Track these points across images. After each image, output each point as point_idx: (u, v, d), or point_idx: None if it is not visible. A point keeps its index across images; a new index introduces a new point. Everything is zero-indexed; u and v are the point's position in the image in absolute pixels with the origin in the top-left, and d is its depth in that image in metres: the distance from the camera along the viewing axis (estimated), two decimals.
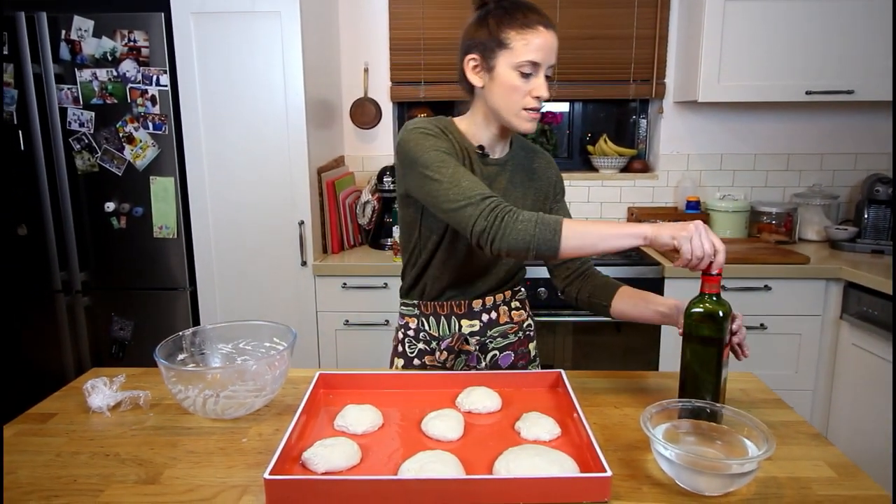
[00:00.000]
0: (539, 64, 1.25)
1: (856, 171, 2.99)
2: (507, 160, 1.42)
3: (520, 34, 1.24)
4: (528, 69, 1.25)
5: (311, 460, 1.00)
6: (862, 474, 0.99)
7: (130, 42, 2.36)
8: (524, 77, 1.25)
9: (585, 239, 1.12)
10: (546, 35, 1.25)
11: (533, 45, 1.24)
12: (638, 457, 1.05)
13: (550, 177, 1.49)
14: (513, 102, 1.27)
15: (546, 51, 1.25)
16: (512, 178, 1.42)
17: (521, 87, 1.26)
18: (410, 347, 1.49)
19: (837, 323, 2.40)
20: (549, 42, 1.25)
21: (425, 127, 1.31)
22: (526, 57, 1.24)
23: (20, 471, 1.03)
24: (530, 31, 1.24)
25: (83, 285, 2.57)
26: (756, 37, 2.54)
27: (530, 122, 1.29)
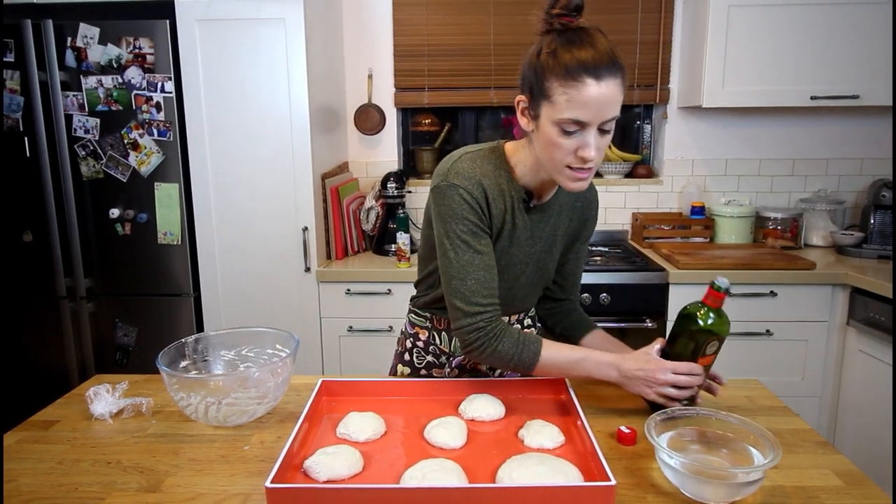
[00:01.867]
0: (586, 122, 1.05)
1: (861, 176, 2.98)
2: (552, 204, 1.28)
3: (562, 87, 1.04)
4: (571, 127, 1.06)
5: (312, 468, 0.99)
6: (869, 483, 0.98)
7: (136, 49, 2.37)
8: (566, 134, 1.07)
9: (560, 368, 1.21)
10: (594, 90, 1.03)
11: (575, 101, 1.04)
12: (642, 465, 1.04)
13: (588, 218, 1.38)
14: (555, 160, 1.11)
15: (594, 108, 1.04)
16: (556, 222, 1.31)
17: (563, 146, 1.08)
18: (419, 358, 1.45)
19: (844, 329, 2.39)
20: (599, 98, 1.03)
21: (467, 188, 1.17)
22: (566, 115, 1.05)
23: (22, 478, 1.03)
24: (574, 84, 1.03)
25: (87, 291, 2.57)
26: (760, 42, 2.54)
27: (577, 182, 1.12)
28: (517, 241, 1.26)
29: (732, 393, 1.34)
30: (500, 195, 1.21)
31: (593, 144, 1.07)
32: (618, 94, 1.06)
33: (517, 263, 1.29)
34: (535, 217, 1.27)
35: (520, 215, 1.24)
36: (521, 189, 1.23)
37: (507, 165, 1.23)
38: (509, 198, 1.22)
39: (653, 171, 3.12)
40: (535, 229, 1.28)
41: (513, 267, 1.29)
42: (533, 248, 1.29)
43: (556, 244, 1.33)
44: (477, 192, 1.18)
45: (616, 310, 2.44)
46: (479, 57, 2.93)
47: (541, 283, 1.38)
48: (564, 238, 1.36)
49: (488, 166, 1.22)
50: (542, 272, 1.35)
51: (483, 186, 1.19)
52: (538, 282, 1.36)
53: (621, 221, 3.09)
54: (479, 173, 1.19)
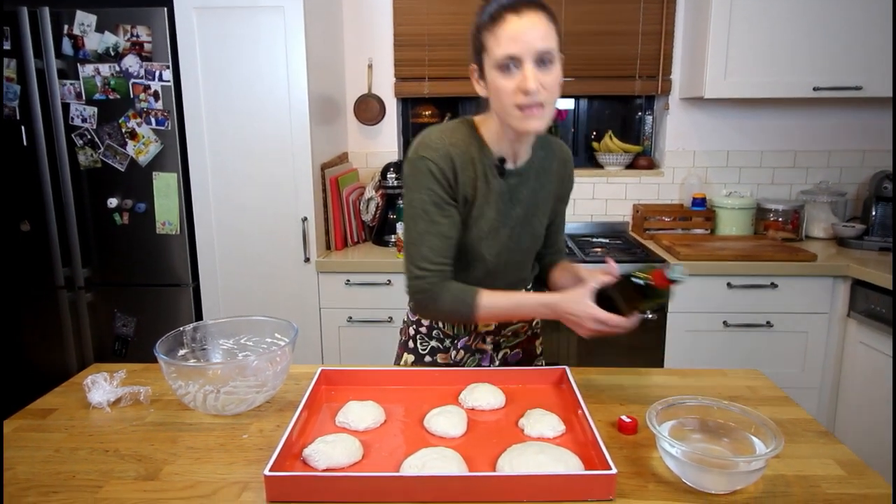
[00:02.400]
0: (516, 55, 1.12)
1: (863, 167, 2.96)
2: (529, 167, 1.33)
3: (490, 31, 1.14)
4: (507, 62, 1.13)
5: (311, 457, 0.99)
6: (871, 472, 0.98)
7: (133, 37, 2.35)
8: (506, 73, 1.13)
9: (501, 313, 1.28)
10: (517, 21, 1.11)
11: (502, 38, 1.12)
12: (643, 454, 1.04)
13: (565, 177, 1.43)
14: (504, 104, 1.16)
15: (520, 39, 1.11)
16: (534, 186, 1.35)
17: (505, 86, 1.14)
18: (423, 345, 1.46)
19: (845, 321, 2.38)
20: (521, 28, 1.11)
21: (433, 160, 1.22)
22: (498, 53, 1.13)
23: (19, 466, 1.02)
24: (498, 24, 1.13)
25: (86, 281, 2.56)
26: (763, 32, 2.52)
27: (527, 119, 1.16)
28: (496, 205, 1.30)
29: (734, 382, 1.34)
30: (470, 163, 1.26)
31: (531, 76, 1.12)
32: (542, 26, 1.13)
33: (502, 227, 1.32)
34: (513, 181, 1.31)
35: (494, 180, 1.29)
36: (493, 155, 1.28)
37: (478, 135, 1.29)
38: (481, 164, 1.27)
39: (654, 162, 3.11)
40: (514, 193, 1.32)
41: (499, 231, 1.32)
42: (515, 210, 1.33)
43: (541, 206, 1.37)
44: (444, 163, 1.23)
45: None
46: None
47: (534, 248, 1.42)
48: (550, 199, 1.40)
49: (459, 136, 1.27)
50: (534, 237, 1.39)
51: (451, 156, 1.24)
52: (531, 246, 1.40)
53: (622, 213, 3.07)
54: (447, 143, 1.25)
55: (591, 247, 2.69)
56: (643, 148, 3.12)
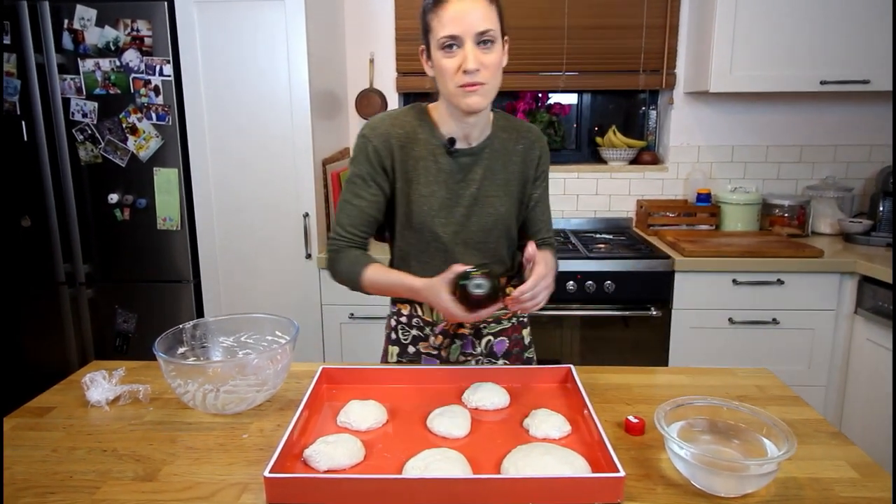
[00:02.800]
0: (457, 35, 1.17)
1: (870, 162, 2.93)
2: (485, 147, 1.36)
3: (434, 13, 1.19)
4: (448, 43, 1.18)
5: (312, 458, 0.97)
6: (885, 475, 0.96)
7: (133, 31, 2.33)
8: (448, 53, 1.19)
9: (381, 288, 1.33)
10: (457, 4, 1.17)
11: (444, 18, 1.17)
12: (651, 456, 1.02)
13: (532, 159, 1.41)
14: (447, 83, 1.22)
15: (461, 21, 1.17)
16: (490, 165, 1.36)
17: (447, 66, 1.20)
18: (404, 334, 1.48)
19: (852, 318, 2.36)
20: (461, 10, 1.17)
21: (370, 139, 1.31)
22: (441, 34, 1.18)
23: (16, 466, 1.01)
24: (441, 6, 1.18)
25: (87, 277, 2.55)
26: (769, 25, 2.48)
27: (468, 96, 1.21)
28: (446, 183, 1.34)
29: (742, 382, 1.31)
30: (416, 143, 1.33)
31: (471, 55, 1.17)
32: (482, 7, 1.17)
33: (455, 205, 1.35)
34: (465, 160, 1.34)
35: (443, 159, 1.33)
36: (441, 137, 1.33)
37: (429, 119, 1.35)
38: (429, 144, 1.33)
39: (658, 157, 3.08)
40: (467, 172, 1.35)
41: (452, 210, 1.34)
42: (469, 189, 1.35)
43: (502, 186, 1.38)
44: (379, 143, 1.31)
45: (620, 297, 2.41)
46: None
47: (500, 230, 1.40)
48: (514, 182, 1.39)
49: (406, 118, 1.35)
50: (497, 218, 1.38)
51: (389, 137, 1.31)
52: (494, 228, 1.38)
53: (626, 209, 3.05)
54: (389, 125, 1.32)
55: (594, 243, 2.67)
56: (647, 143, 3.09)
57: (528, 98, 3.02)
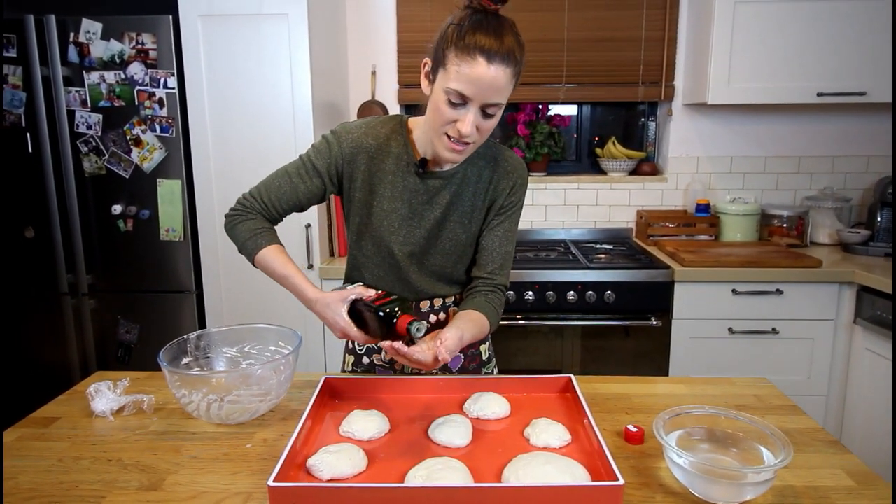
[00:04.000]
0: (469, 98, 1.11)
1: (868, 173, 2.95)
2: (457, 172, 1.32)
3: (457, 58, 1.10)
4: (456, 98, 1.12)
5: (315, 467, 0.98)
6: (881, 483, 0.97)
7: (138, 45, 2.36)
8: (451, 105, 1.13)
9: (272, 272, 1.32)
10: (484, 70, 1.09)
11: (464, 75, 1.09)
12: (651, 464, 1.03)
13: (503, 188, 1.35)
14: (437, 125, 1.17)
15: (479, 87, 1.10)
16: (460, 191, 1.32)
17: (445, 113, 1.14)
18: (359, 345, 1.48)
19: (851, 327, 2.37)
20: (486, 78, 1.09)
21: (337, 138, 1.30)
22: (453, 85, 1.11)
23: (21, 476, 1.02)
24: (468, 59, 1.09)
25: (90, 288, 2.56)
26: (767, 38, 2.51)
27: (450, 152, 1.18)
28: (409, 202, 1.31)
29: (741, 391, 1.32)
30: (387, 156, 1.30)
31: (470, 121, 1.13)
32: (505, 82, 1.12)
33: (417, 226, 1.33)
34: (434, 183, 1.31)
35: (411, 177, 1.31)
36: (414, 155, 1.30)
37: (406, 134, 1.31)
38: (401, 161, 1.30)
39: (657, 168, 3.10)
40: (434, 195, 1.32)
41: (413, 230, 1.33)
42: (432, 213, 1.32)
43: (468, 214, 1.34)
44: (347, 147, 1.30)
45: (620, 308, 2.42)
46: None
47: (460, 259, 1.38)
48: (478, 209, 1.36)
49: (384, 130, 1.32)
50: (455, 242, 1.35)
51: (358, 144, 1.30)
52: (453, 253, 1.36)
53: (626, 219, 3.07)
54: (363, 133, 1.30)
55: (594, 253, 2.69)
56: (647, 154, 3.12)
57: (529, 109, 3.04)
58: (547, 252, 2.72)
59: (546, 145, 3.02)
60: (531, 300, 2.42)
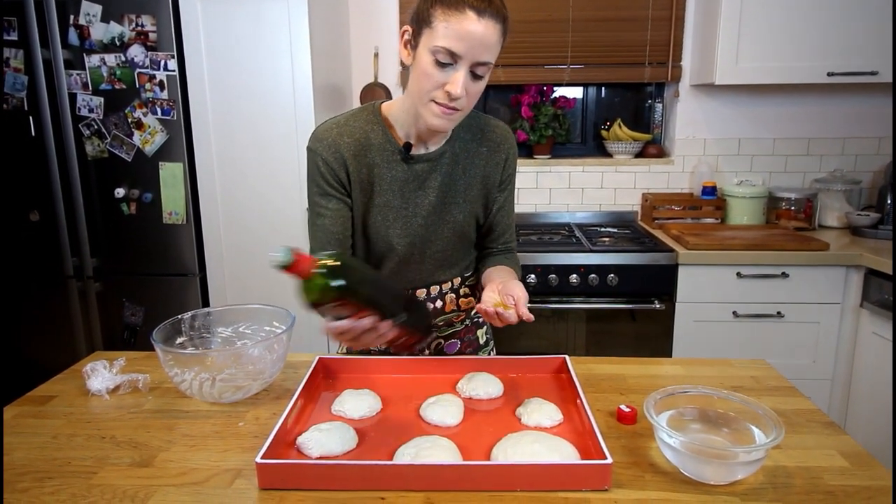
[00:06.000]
0: (459, 55, 1.05)
1: (879, 155, 2.90)
2: (444, 152, 1.27)
3: (444, 13, 1.05)
4: (445, 58, 1.06)
5: (305, 445, 0.98)
6: (875, 463, 0.95)
7: (138, 27, 2.35)
8: (439, 66, 1.07)
9: None
10: (475, 24, 1.03)
11: (453, 30, 1.04)
12: (642, 444, 1.02)
13: (497, 162, 1.32)
14: (423, 90, 1.10)
15: (470, 42, 1.04)
16: (450, 171, 1.28)
17: (433, 76, 1.08)
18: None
19: (857, 311, 2.34)
20: (477, 33, 1.04)
21: (318, 152, 1.22)
22: (441, 42, 1.05)
23: (16, 452, 1.03)
24: (455, 13, 1.04)
25: (94, 271, 2.58)
26: (776, 16, 2.46)
27: (439, 118, 1.12)
28: (401, 192, 1.26)
29: (739, 372, 1.31)
30: (368, 150, 1.24)
31: (461, 80, 1.07)
32: (495, 38, 1.07)
33: (412, 216, 1.28)
34: (422, 167, 1.26)
35: (398, 166, 1.25)
36: (396, 142, 1.24)
37: (382, 121, 1.25)
38: (384, 151, 1.24)
39: (664, 150, 3.07)
40: (424, 180, 1.27)
41: (409, 220, 1.28)
42: (427, 198, 1.27)
43: (462, 193, 1.30)
44: (328, 154, 1.22)
45: (624, 291, 2.41)
46: None
47: (460, 238, 1.34)
48: (476, 186, 1.31)
49: (357, 123, 1.25)
50: (456, 226, 1.31)
51: (338, 146, 1.22)
52: (453, 236, 1.32)
53: (631, 202, 3.04)
54: (336, 133, 1.23)
55: (599, 236, 2.67)
56: (653, 136, 3.08)
57: (533, 91, 3.01)
58: (551, 235, 2.70)
59: (551, 127, 2.99)
60: (534, 283, 2.40)
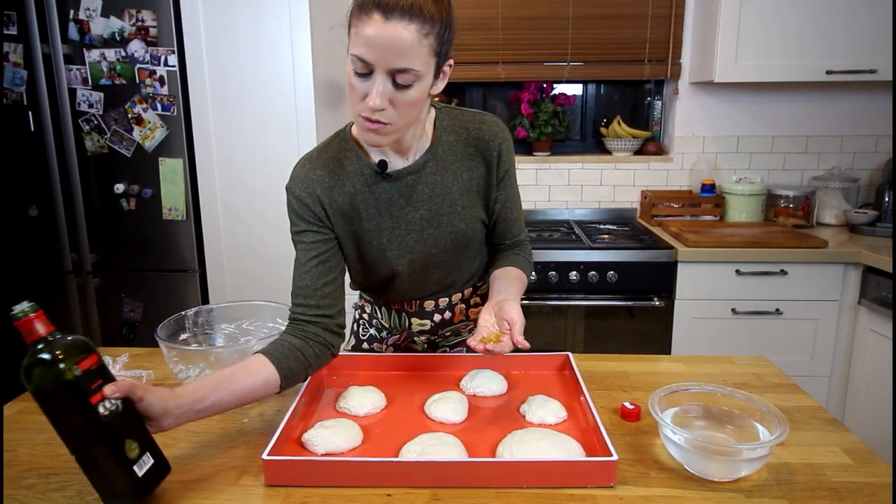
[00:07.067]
0: (370, 63, 0.95)
1: (877, 153, 2.91)
2: (427, 160, 1.17)
3: (356, 19, 0.96)
4: (360, 67, 0.97)
5: (311, 441, 0.98)
6: (878, 461, 0.96)
7: (138, 22, 2.34)
8: (358, 76, 0.98)
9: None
10: (380, 27, 0.93)
11: (360, 36, 0.95)
12: (646, 441, 1.03)
13: (490, 159, 1.21)
14: (351, 104, 1.02)
15: (378, 48, 0.94)
16: (439, 180, 1.18)
17: (355, 87, 0.99)
18: (363, 330, 1.44)
19: (855, 308, 2.35)
20: (384, 37, 0.93)
21: (293, 192, 1.16)
22: (353, 50, 0.97)
23: (20, 448, 1.03)
24: (364, 17, 0.94)
25: (94, 266, 2.57)
26: (775, 14, 2.46)
27: (367, 133, 1.03)
28: (389, 212, 1.18)
29: (740, 370, 1.32)
30: (345, 178, 1.16)
31: (378, 91, 0.96)
32: (409, 40, 0.94)
33: (406, 234, 1.20)
34: (405, 182, 1.17)
35: (380, 186, 1.17)
36: (370, 163, 1.16)
37: (354, 145, 1.18)
38: (361, 175, 1.17)
39: (663, 148, 3.07)
40: (411, 194, 1.18)
41: (404, 238, 1.20)
42: (416, 213, 1.19)
43: (459, 199, 1.20)
44: (302, 192, 1.15)
45: (623, 288, 2.41)
46: (487, 31, 2.88)
47: (466, 248, 1.26)
48: (471, 191, 1.21)
49: (327, 155, 1.18)
50: (457, 234, 1.22)
51: (311, 182, 1.15)
52: (456, 245, 1.23)
53: (630, 199, 3.04)
54: (308, 169, 1.17)
55: (598, 233, 2.67)
56: (652, 133, 3.08)
57: (533, 88, 3.01)
58: (550, 232, 2.70)
59: (550, 125, 2.99)
60: (534, 280, 2.41)
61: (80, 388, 0.80)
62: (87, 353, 0.83)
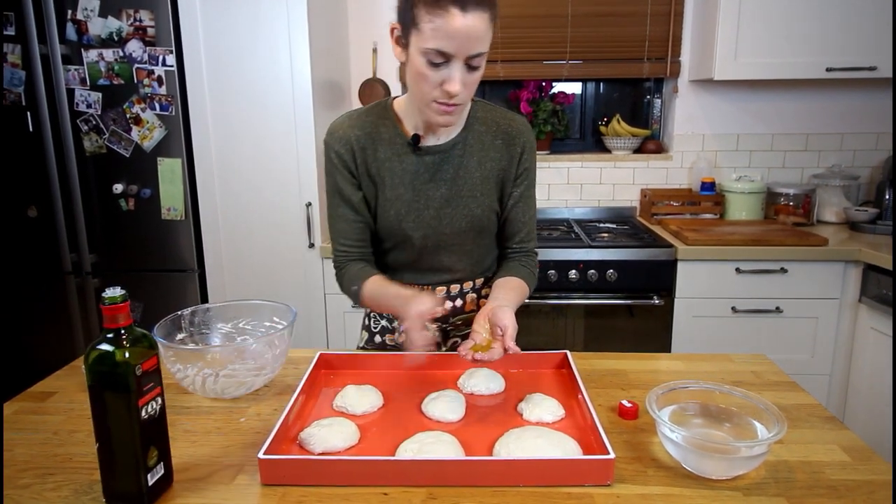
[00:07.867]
0: (451, 54, 1.04)
1: (877, 150, 2.91)
2: (456, 143, 1.26)
3: (429, 15, 1.03)
4: (437, 58, 1.05)
5: (307, 440, 0.98)
6: (876, 458, 0.96)
7: (136, 22, 2.34)
8: (433, 66, 1.06)
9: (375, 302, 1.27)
10: (460, 20, 1.01)
11: (441, 31, 1.02)
12: (644, 439, 1.02)
13: (513, 155, 1.30)
14: (423, 92, 1.11)
15: (459, 40, 1.03)
16: (464, 163, 1.27)
17: (429, 77, 1.07)
18: (375, 323, 1.47)
19: (856, 306, 2.34)
20: (463, 28, 1.02)
21: (332, 145, 1.27)
22: (431, 44, 1.04)
23: (17, 448, 1.03)
24: (440, 12, 1.02)
25: (93, 267, 2.57)
26: (774, 12, 2.46)
27: (442, 115, 1.13)
28: (412, 184, 1.27)
29: (739, 368, 1.31)
30: (379, 143, 1.26)
31: (458, 78, 1.07)
32: (484, 28, 1.05)
33: (424, 208, 1.28)
34: (433, 159, 1.26)
35: (408, 158, 1.26)
36: (405, 135, 1.26)
37: (393, 116, 1.27)
38: (393, 144, 1.26)
39: (662, 146, 3.07)
40: (436, 171, 1.27)
41: (421, 212, 1.28)
42: (439, 189, 1.27)
43: (478, 186, 1.28)
44: (341, 147, 1.26)
45: (623, 286, 2.41)
46: None
47: (480, 234, 1.33)
48: (490, 180, 1.29)
49: (369, 118, 1.28)
50: (472, 219, 1.29)
51: (351, 140, 1.26)
52: (470, 229, 1.30)
53: (629, 198, 3.04)
54: (348, 126, 1.27)
55: (597, 232, 2.67)
56: (652, 132, 3.08)
57: (532, 87, 3.01)
58: (549, 231, 2.70)
59: (549, 123, 2.99)
60: None
61: (135, 388, 0.84)
62: (151, 355, 0.88)
